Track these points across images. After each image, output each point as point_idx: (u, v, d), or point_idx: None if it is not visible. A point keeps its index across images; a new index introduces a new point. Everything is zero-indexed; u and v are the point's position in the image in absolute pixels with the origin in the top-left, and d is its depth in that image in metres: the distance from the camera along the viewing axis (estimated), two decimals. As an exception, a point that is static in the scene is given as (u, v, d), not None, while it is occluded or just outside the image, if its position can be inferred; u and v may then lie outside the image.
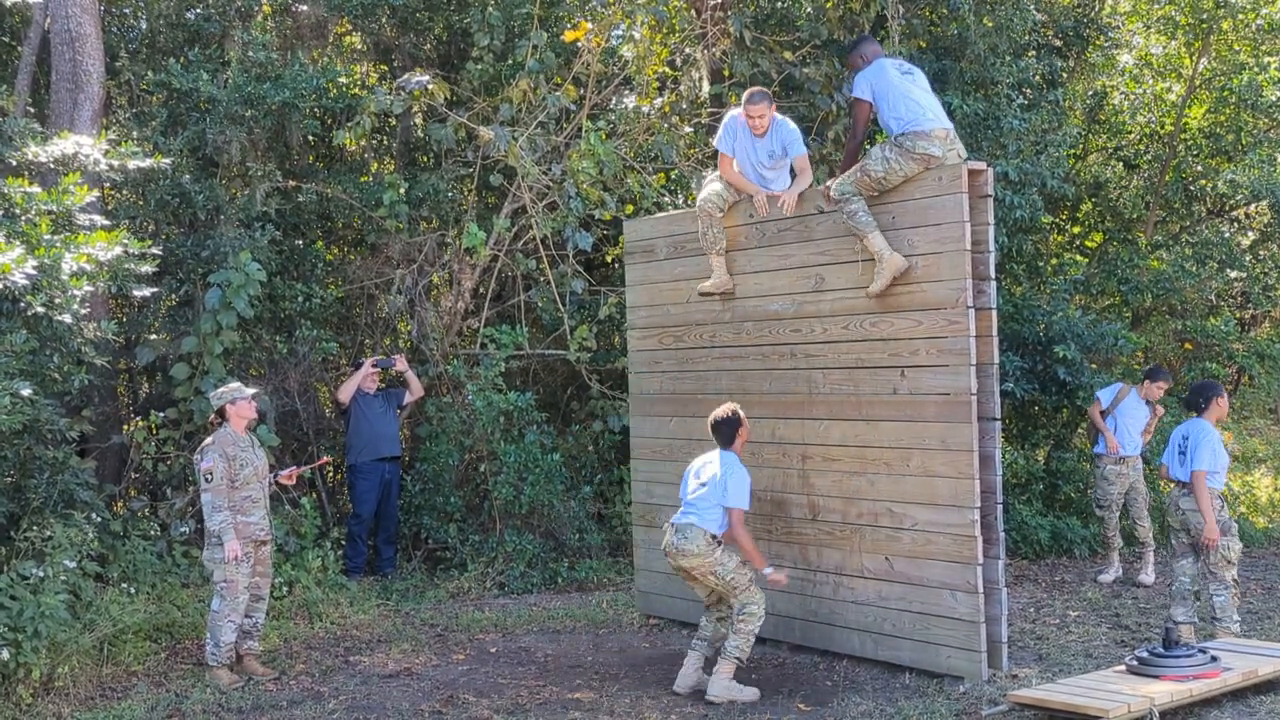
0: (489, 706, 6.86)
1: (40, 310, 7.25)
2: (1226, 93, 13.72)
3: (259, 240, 10.07)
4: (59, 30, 10.00)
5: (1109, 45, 14.13)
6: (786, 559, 7.86)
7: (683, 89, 12.06)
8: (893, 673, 7.26)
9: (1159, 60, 15.09)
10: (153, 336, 10.13)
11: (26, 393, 7.18)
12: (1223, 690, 6.53)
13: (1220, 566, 7.68)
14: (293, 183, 11.05)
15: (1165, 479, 8.23)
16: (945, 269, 6.97)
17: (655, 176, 11.11)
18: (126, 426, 10.33)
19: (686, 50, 12.02)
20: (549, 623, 8.89)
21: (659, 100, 11.61)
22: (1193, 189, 14.15)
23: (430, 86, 10.42)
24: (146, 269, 8.26)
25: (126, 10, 12.18)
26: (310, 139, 11.52)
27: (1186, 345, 13.96)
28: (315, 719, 6.74)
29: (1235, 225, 15.15)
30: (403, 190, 10.80)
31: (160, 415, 9.71)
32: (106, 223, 8.41)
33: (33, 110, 10.62)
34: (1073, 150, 13.31)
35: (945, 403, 6.98)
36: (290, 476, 8.22)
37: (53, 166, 8.50)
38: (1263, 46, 14.14)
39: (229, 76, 10.50)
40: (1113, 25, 13.91)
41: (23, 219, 7.70)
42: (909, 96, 7.23)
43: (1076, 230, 14.47)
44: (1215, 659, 6.62)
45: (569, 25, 11.47)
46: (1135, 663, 6.62)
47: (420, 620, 8.96)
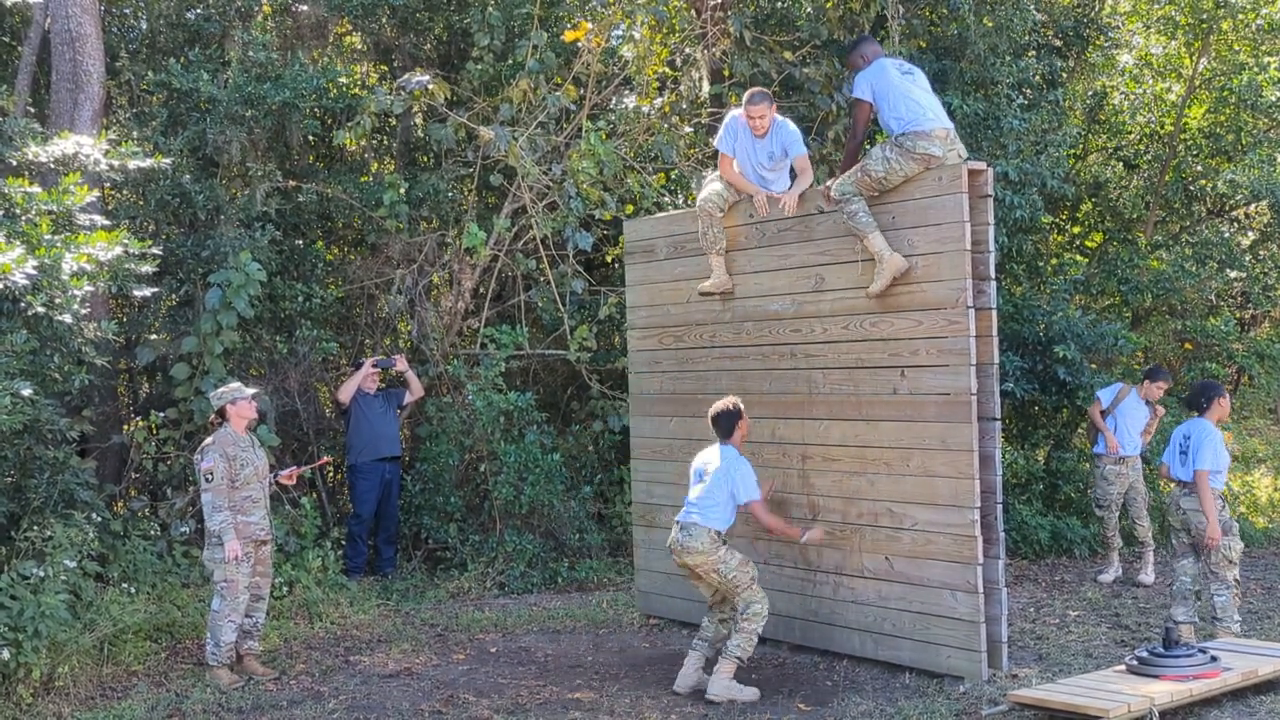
0: (489, 706, 6.86)
1: (40, 310, 7.25)
2: (1226, 93, 13.72)
3: (259, 240, 10.07)
4: (59, 30, 10.00)
5: (1109, 45, 14.12)
6: (786, 559, 7.87)
7: (683, 89, 12.06)
8: (893, 673, 7.26)
9: (1159, 60, 15.08)
10: (153, 336, 10.14)
11: (27, 393, 7.18)
12: (1223, 690, 6.53)
13: (1221, 566, 7.68)
14: (293, 183, 11.05)
15: (1165, 479, 8.23)
16: (945, 269, 6.96)
17: (655, 176, 11.11)
18: (127, 426, 10.33)
19: (686, 50, 12.02)
20: (549, 623, 8.89)
21: (659, 100, 11.60)
22: (1193, 189, 14.15)
23: (430, 86, 10.42)
24: (146, 269, 8.26)
25: (126, 10, 12.18)
26: (310, 139, 11.52)
27: (1186, 345, 13.96)
28: (315, 719, 6.74)
29: (1235, 225, 15.15)
30: (403, 190, 10.80)
31: (160, 415, 9.72)
32: (107, 223, 8.41)
33: (33, 110, 10.62)
34: (1073, 150, 13.31)
35: (945, 403, 6.98)
36: (290, 476, 8.23)
37: (53, 166, 8.50)
38: (1263, 46, 14.13)
39: (229, 76, 10.50)
40: (1113, 25, 13.91)
41: (23, 219, 7.69)
42: (909, 96, 7.23)
43: (1076, 230, 14.46)
44: (1215, 659, 6.62)
45: (569, 25, 11.46)
46: (1135, 663, 6.62)
47: (420, 620, 8.96)
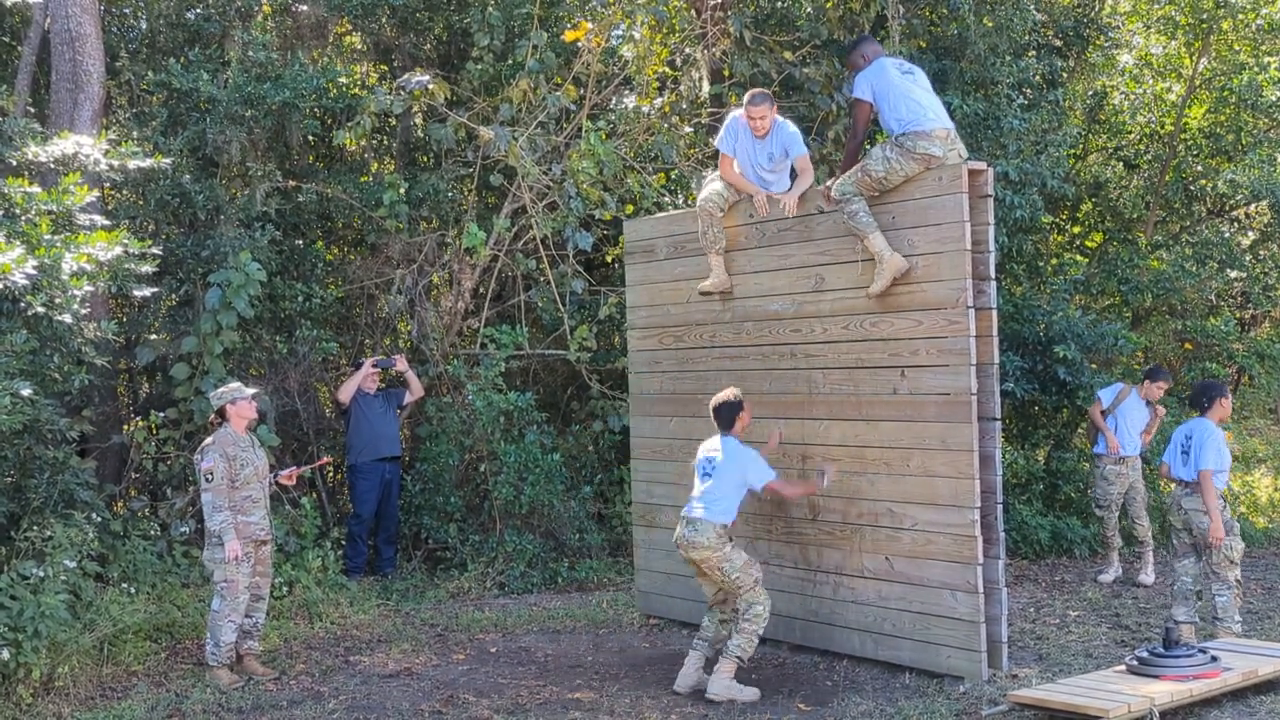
0: (489, 706, 6.86)
1: (40, 310, 7.24)
2: (1226, 93, 13.72)
3: (259, 240, 10.07)
4: (59, 30, 10.00)
5: (1109, 45, 14.13)
6: (787, 559, 7.87)
7: (683, 89, 12.05)
8: (893, 673, 7.26)
9: (1159, 60, 15.08)
10: (153, 336, 10.14)
11: (26, 393, 7.17)
12: (1223, 690, 6.52)
13: (1223, 566, 7.68)
14: (293, 183, 11.05)
15: (1165, 478, 8.22)
16: (945, 269, 6.96)
17: (655, 176, 11.11)
18: (126, 426, 10.33)
19: (686, 50, 12.02)
20: (549, 623, 8.89)
21: (659, 100, 11.60)
22: (1193, 189, 14.15)
23: (430, 86, 10.42)
24: (146, 269, 8.26)
25: (126, 10, 12.18)
26: (310, 139, 11.52)
27: (1186, 345, 13.96)
28: (315, 719, 6.74)
29: (1235, 225, 15.14)
30: (403, 190, 10.80)
31: (160, 415, 9.72)
32: (106, 223, 8.41)
33: (33, 110, 10.62)
34: (1073, 150, 13.31)
35: (945, 403, 6.98)
36: (290, 477, 8.23)
37: (53, 166, 8.50)
38: (1263, 46, 14.13)
39: (229, 76, 10.50)
40: (1113, 25, 13.91)
41: (23, 219, 7.69)
42: (910, 96, 7.22)
43: (1076, 230, 14.46)
44: (1215, 659, 6.62)
45: (569, 25, 11.46)
46: (1135, 663, 6.61)
47: (420, 620, 8.96)
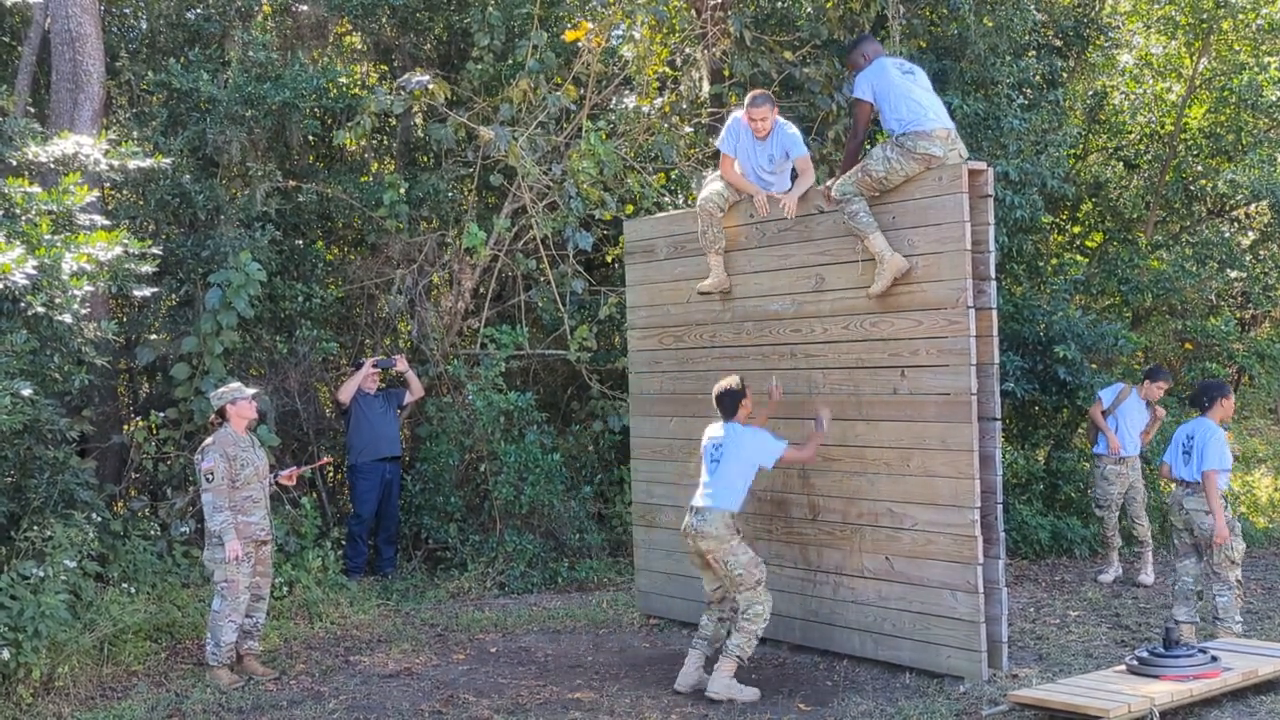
0: (489, 706, 6.86)
1: (40, 310, 7.24)
2: (1226, 93, 13.72)
3: (259, 240, 10.07)
4: (59, 30, 10.00)
5: (1109, 45, 14.13)
6: (787, 559, 7.87)
7: (683, 89, 12.05)
8: (893, 673, 7.26)
9: (1159, 60, 15.08)
10: (153, 336, 10.14)
11: (27, 393, 7.17)
12: (1223, 690, 6.52)
13: (1224, 567, 7.67)
14: (293, 183, 11.05)
15: (1166, 478, 8.22)
16: (945, 269, 6.96)
17: (655, 176, 11.11)
18: (127, 426, 10.33)
19: (686, 50, 12.02)
20: (549, 623, 8.89)
21: (659, 100, 11.60)
22: (1193, 189, 14.15)
23: (430, 86, 10.41)
24: (146, 269, 8.26)
25: (126, 10, 12.18)
26: (310, 139, 11.52)
27: (1186, 345, 13.96)
28: (315, 719, 6.74)
29: (1235, 225, 15.15)
30: (403, 190, 10.80)
31: (160, 415, 9.71)
32: (106, 223, 8.41)
33: (33, 110, 10.62)
34: (1073, 150, 13.31)
35: (945, 403, 6.98)
36: (290, 477, 8.23)
37: (53, 166, 8.50)
38: (1263, 46, 14.13)
39: (229, 76, 10.50)
40: (1113, 25, 13.91)
41: (23, 219, 7.69)
42: (910, 96, 7.22)
43: (1076, 230, 14.46)
44: (1215, 659, 6.62)
45: (569, 25, 11.47)
46: (1135, 663, 6.61)
47: (420, 620, 8.96)
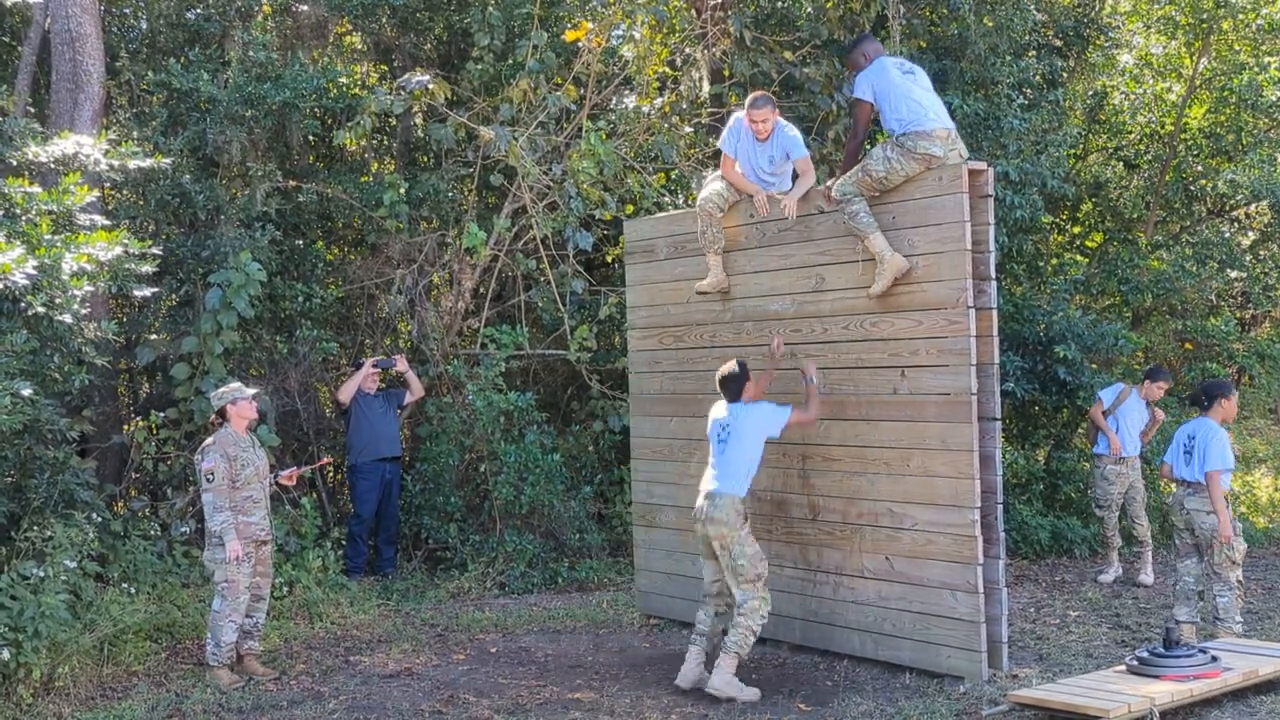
0: (489, 706, 6.86)
1: (40, 310, 7.24)
2: (1226, 93, 13.72)
3: (259, 240, 10.07)
4: (59, 30, 10.00)
5: (1109, 45, 14.13)
6: (787, 559, 7.86)
7: (683, 89, 12.05)
8: (893, 673, 7.26)
9: (1159, 60, 15.08)
10: (153, 336, 10.14)
11: (27, 393, 7.17)
12: (1223, 690, 6.52)
13: (1225, 567, 7.67)
14: (293, 183, 11.05)
15: (1167, 478, 8.21)
16: (946, 269, 6.96)
17: (655, 176, 11.11)
18: (127, 426, 10.33)
19: (686, 50, 12.02)
20: (549, 623, 8.89)
21: (659, 100, 11.60)
22: (1193, 189, 14.15)
23: (430, 86, 10.41)
24: (147, 269, 8.26)
25: (126, 10, 12.18)
26: (310, 139, 11.52)
27: (1186, 345, 13.96)
28: (315, 719, 6.74)
29: (1235, 225, 15.15)
30: (403, 190, 10.80)
31: (160, 415, 9.72)
32: (107, 223, 8.41)
33: (33, 110, 10.62)
34: (1073, 150, 13.31)
35: (945, 403, 6.98)
36: (291, 477, 8.23)
37: (53, 166, 8.50)
38: (1263, 46, 14.13)
39: (229, 76, 10.50)
40: (1113, 25, 13.91)
41: (23, 219, 7.69)
42: (910, 96, 7.22)
43: (1077, 230, 14.47)
44: (1215, 659, 6.62)
45: (569, 25, 11.47)
46: (1135, 663, 6.61)
47: (420, 620, 8.96)
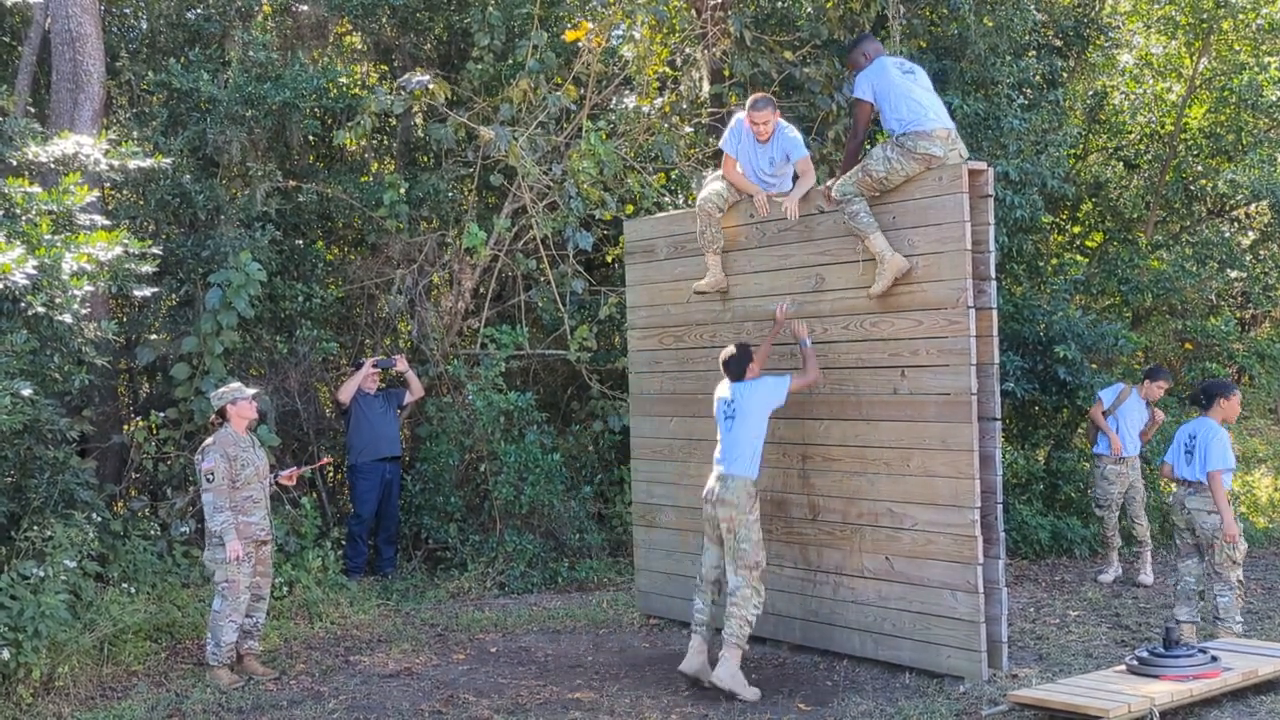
0: (489, 706, 6.86)
1: (40, 310, 7.25)
2: (1227, 93, 13.72)
3: (259, 240, 10.07)
4: (59, 30, 10.00)
5: (1109, 45, 14.13)
6: (787, 559, 7.87)
7: (683, 89, 12.06)
8: (893, 673, 7.26)
9: (1159, 60, 15.08)
10: (153, 336, 10.14)
11: (27, 393, 7.17)
12: (1223, 690, 6.52)
13: (1225, 567, 7.67)
14: (293, 183, 11.05)
15: (1167, 478, 8.21)
16: (946, 269, 6.96)
17: (655, 176, 11.11)
18: (127, 426, 10.33)
19: (686, 50, 12.02)
20: (549, 623, 8.89)
21: (659, 100, 11.60)
22: (1193, 189, 14.15)
23: (430, 86, 10.42)
24: (146, 269, 8.26)
25: (127, 10, 12.18)
26: (310, 139, 11.52)
27: (1186, 345, 13.96)
28: (315, 719, 6.74)
29: (1235, 225, 15.15)
30: (403, 190, 10.80)
31: (160, 415, 9.72)
32: (107, 223, 8.41)
33: (33, 110, 10.62)
34: (1073, 150, 13.30)
35: (945, 403, 6.98)
36: (290, 477, 8.23)
37: (53, 166, 8.50)
38: (1263, 46, 14.13)
39: (229, 76, 10.50)
40: (1113, 25, 13.91)
41: (23, 219, 7.69)
42: (910, 96, 7.22)
43: (1077, 230, 14.46)
44: (1215, 659, 6.62)
45: (569, 25, 11.47)
46: (1135, 663, 6.61)
47: (420, 620, 8.96)
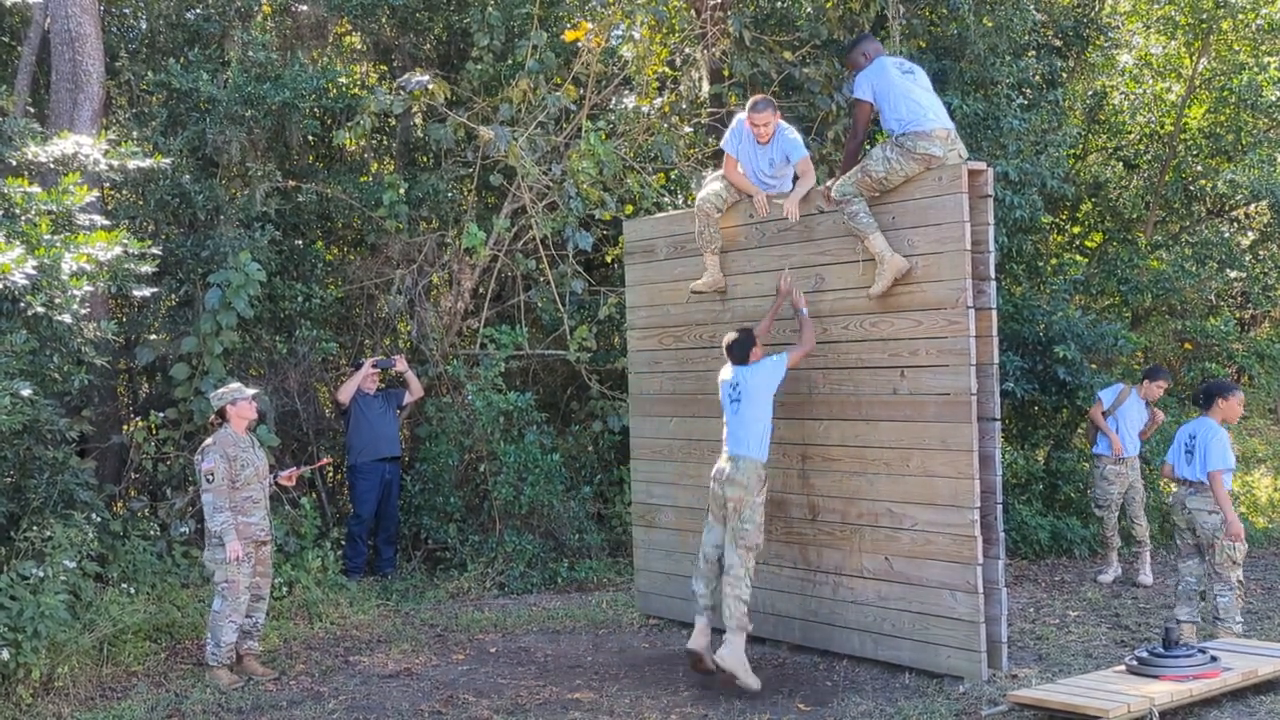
0: (489, 706, 6.86)
1: (40, 310, 7.25)
2: (1226, 93, 13.72)
3: (259, 240, 10.07)
4: (59, 30, 10.00)
5: (1109, 45, 14.12)
6: (787, 559, 7.86)
7: (683, 89, 12.06)
8: (893, 673, 7.26)
9: (1159, 60, 15.08)
10: (153, 336, 10.14)
11: (26, 393, 7.17)
12: (1223, 690, 6.52)
13: (1225, 567, 7.67)
14: (293, 183, 11.05)
15: (1168, 478, 8.21)
16: (945, 269, 6.96)
17: (655, 176, 11.11)
18: (126, 426, 10.34)
19: (686, 50, 12.02)
20: (549, 623, 8.89)
21: (659, 100, 11.60)
22: (1193, 189, 14.15)
23: (430, 86, 10.42)
24: (146, 269, 8.26)
25: (126, 10, 12.18)
26: (310, 139, 11.52)
27: (1186, 345, 13.96)
28: (315, 719, 6.75)
29: (1235, 225, 15.15)
30: (403, 190, 10.80)
31: (160, 415, 9.72)
32: (106, 223, 8.41)
33: (33, 110, 10.63)
34: (1073, 150, 13.30)
35: (945, 403, 6.98)
36: (290, 478, 8.23)
37: (53, 166, 8.50)
38: (1263, 46, 14.13)
39: (229, 76, 10.50)
40: (1113, 25, 13.91)
41: (23, 219, 7.70)
42: (910, 96, 7.22)
43: (1076, 230, 14.46)
44: (1215, 659, 6.62)
45: (569, 25, 11.47)
46: (1135, 663, 6.61)
47: (420, 620, 8.96)
